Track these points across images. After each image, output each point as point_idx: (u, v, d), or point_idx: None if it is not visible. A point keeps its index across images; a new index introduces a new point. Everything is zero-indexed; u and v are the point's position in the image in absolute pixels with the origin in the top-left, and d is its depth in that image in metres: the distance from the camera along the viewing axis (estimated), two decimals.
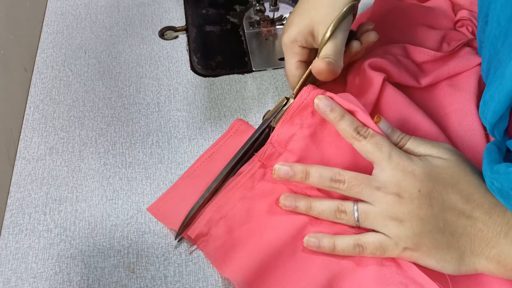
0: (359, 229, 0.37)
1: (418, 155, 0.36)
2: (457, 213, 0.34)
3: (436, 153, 0.35)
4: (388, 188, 0.34)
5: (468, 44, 0.47)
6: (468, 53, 0.46)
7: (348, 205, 0.36)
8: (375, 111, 0.43)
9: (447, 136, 0.42)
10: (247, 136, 0.43)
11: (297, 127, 0.40)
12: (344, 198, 0.37)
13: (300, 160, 0.40)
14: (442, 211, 0.34)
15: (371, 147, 0.35)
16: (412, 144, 0.36)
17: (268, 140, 0.41)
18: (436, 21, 0.50)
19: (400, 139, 0.37)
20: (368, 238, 0.36)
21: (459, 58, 0.45)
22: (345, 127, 0.36)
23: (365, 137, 0.36)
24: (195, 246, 0.39)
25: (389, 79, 0.44)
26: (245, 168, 0.42)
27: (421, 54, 0.46)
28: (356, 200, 0.36)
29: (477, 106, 0.43)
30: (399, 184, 0.34)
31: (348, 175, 0.36)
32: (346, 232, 0.38)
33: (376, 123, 0.36)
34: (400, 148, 0.36)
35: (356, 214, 0.36)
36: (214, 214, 0.39)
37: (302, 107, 0.40)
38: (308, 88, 0.40)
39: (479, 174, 0.35)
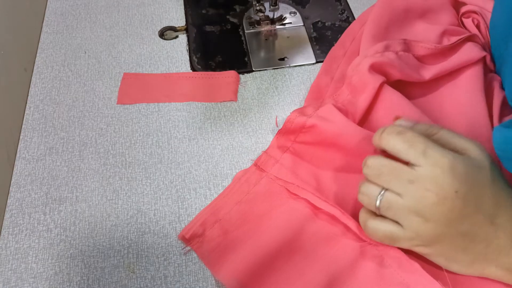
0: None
1: (451, 149, 0.33)
2: (483, 218, 0.32)
3: (473, 150, 0.33)
4: (423, 184, 0.31)
5: (469, 39, 0.47)
6: (471, 47, 0.46)
7: (372, 190, 0.34)
8: (369, 115, 0.44)
9: None
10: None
11: (287, 146, 0.43)
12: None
13: (293, 170, 0.42)
14: (472, 214, 0.32)
15: (402, 146, 0.32)
16: (444, 135, 0.34)
17: (265, 151, 0.44)
18: (437, 18, 0.50)
19: (427, 129, 0.34)
20: (380, 226, 0.34)
21: (462, 52, 0.46)
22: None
23: (393, 135, 0.33)
24: (189, 247, 0.39)
25: (391, 79, 0.44)
26: (241, 173, 0.43)
27: (422, 48, 0.46)
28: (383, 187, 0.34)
29: (487, 106, 0.43)
30: (436, 182, 0.31)
31: (378, 161, 0.33)
32: (345, 233, 0.38)
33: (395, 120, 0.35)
34: (432, 136, 0.34)
35: (378, 202, 0.33)
36: (210, 217, 0.40)
37: (291, 131, 0.43)
38: (294, 113, 0.43)
39: (505, 179, 0.34)
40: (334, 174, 0.41)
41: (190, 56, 0.54)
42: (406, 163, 0.33)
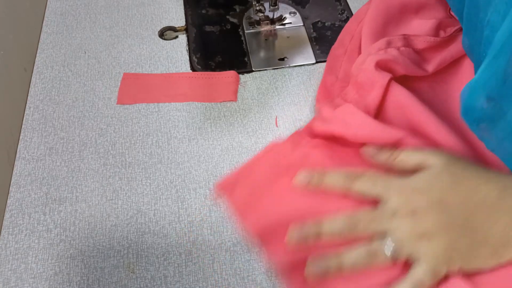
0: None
1: (412, 166, 0.36)
2: (473, 207, 0.33)
3: (430, 160, 0.35)
4: (402, 210, 0.34)
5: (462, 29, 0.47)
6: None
7: (376, 244, 0.34)
8: (379, 114, 0.44)
9: (461, 131, 0.42)
10: None
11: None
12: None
13: (324, 150, 0.41)
14: (459, 212, 0.33)
15: (367, 186, 0.36)
16: (405, 155, 0.37)
17: (298, 130, 0.44)
18: (431, 12, 0.51)
19: (390, 155, 0.37)
20: (416, 275, 0.33)
21: (459, 42, 0.46)
22: (333, 184, 0.37)
23: (355, 181, 0.36)
24: (220, 195, 0.40)
25: (395, 75, 0.45)
26: (273, 145, 0.43)
27: (422, 42, 0.46)
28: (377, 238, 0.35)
29: None
30: (408, 203, 0.34)
31: (360, 215, 0.35)
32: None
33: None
34: (393, 161, 0.37)
35: (391, 248, 0.34)
36: (243, 171, 0.41)
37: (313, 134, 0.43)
38: (316, 122, 0.42)
39: (478, 167, 0.35)
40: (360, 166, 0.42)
41: (190, 56, 0.54)
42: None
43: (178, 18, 0.58)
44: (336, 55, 0.51)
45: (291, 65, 0.53)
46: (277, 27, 0.57)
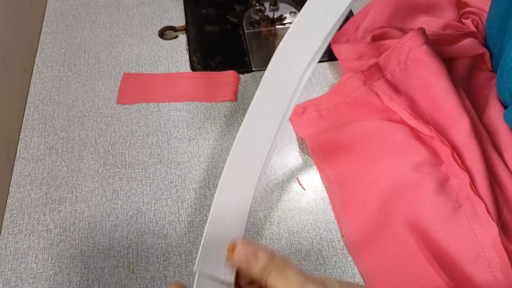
0: None
1: None
2: None
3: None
4: None
5: (470, 34, 0.48)
6: (471, 41, 0.47)
7: None
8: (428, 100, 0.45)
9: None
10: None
11: (396, 62, 0.45)
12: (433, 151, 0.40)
13: (394, 87, 0.45)
14: None
15: None
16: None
17: (376, 60, 0.46)
18: (441, 13, 0.51)
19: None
20: None
21: (462, 44, 0.47)
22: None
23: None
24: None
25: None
26: (346, 77, 0.46)
27: (428, 34, 0.47)
28: None
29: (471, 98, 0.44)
30: None
31: None
32: None
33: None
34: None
35: None
36: (311, 106, 0.46)
37: (398, 51, 0.45)
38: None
39: None
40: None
41: (190, 56, 0.54)
42: None
43: (178, 18, 0.58)
44: (338, 41, 0.52)
45: None
46: (277, 26, 0.57)
